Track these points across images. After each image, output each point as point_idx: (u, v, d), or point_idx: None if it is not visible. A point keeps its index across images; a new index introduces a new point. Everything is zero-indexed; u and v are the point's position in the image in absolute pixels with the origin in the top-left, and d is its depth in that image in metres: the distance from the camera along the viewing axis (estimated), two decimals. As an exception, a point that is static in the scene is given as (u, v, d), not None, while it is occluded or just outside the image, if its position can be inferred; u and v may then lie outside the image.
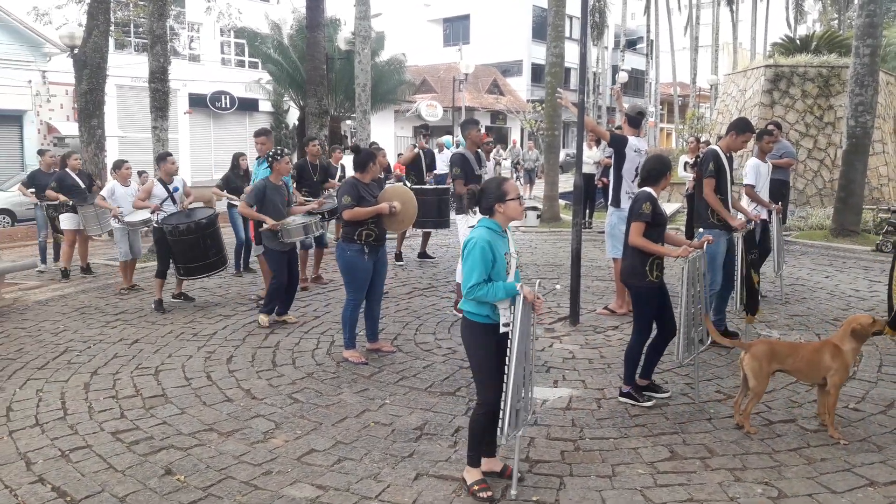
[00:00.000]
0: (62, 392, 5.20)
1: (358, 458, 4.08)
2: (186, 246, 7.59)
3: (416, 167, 10.97)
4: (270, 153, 7.04)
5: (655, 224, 4.75)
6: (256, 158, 8.22)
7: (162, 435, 4.44)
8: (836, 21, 42.28)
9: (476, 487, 3.62)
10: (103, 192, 8.86)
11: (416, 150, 11.22)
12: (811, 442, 4.25)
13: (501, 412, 3.43)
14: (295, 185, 8.56)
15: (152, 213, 7.90)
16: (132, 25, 28.82)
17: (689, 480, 3.81)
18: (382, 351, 6.07)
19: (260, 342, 6.43)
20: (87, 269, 9.86)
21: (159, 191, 8.05)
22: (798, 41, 21.33)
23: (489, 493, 3.59)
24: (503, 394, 3.43)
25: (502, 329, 3.49)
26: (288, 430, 4.49)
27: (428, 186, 10.29)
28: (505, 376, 3.45)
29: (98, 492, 3.73)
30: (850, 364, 4.31)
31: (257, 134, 8.27)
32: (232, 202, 9.30)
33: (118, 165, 8.98)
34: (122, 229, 8.56)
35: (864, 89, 10.75)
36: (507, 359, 3.44)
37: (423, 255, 10.66)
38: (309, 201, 8.11)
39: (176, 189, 8.17)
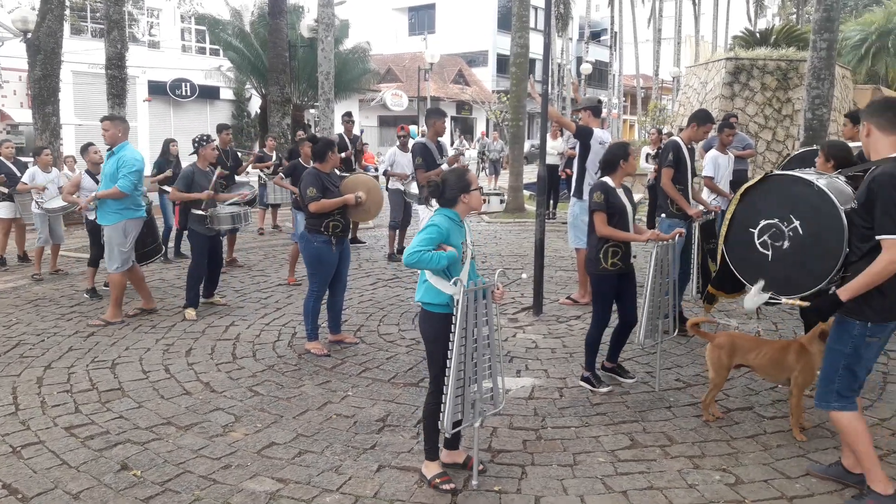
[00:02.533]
0: (14, 387, 5.06)
1: (319, 451, 4.05)
2: None
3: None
4: (196, 139, 7.24)
5: (615, 212, 4.80)
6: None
7: (118, 429, 4.35)
8: (795, 15, 43.09)
9: (438, 480, 3.61)
10: (24, 178, 8.82)
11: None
12: (767, 429, 4.34)
13: (443, 404, 3.42)
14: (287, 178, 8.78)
15: (80, 209, 7.80)
16: (88, 10, 28.13)
17: (648, 468, 3.85)
18: (345, 342, 6.03)
19: (220, 334, 6.34)
20: (24, 258, 9.66)
21: (88, 183, 7.83)
22: (758, 35, 21.68)
23: (451, 485, 3.58)
24: (447, 384, 3.42)
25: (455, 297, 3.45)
26: (248, 424, 4.43)
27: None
28: (447, 367, 3.43)
29: (51, 489, 3.64)
30: (817, 366, 4.13)
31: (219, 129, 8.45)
32: (163, 189, 9.46)
33: (38, 152, 9.13)
34: (41, 215, 8.59)
35: (821, 83, 10.94)
36: (448, 351, 3.42)
37: (402, 250, 10.52)
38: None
39: None
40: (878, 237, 3.07)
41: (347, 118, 11.51)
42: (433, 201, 3.70)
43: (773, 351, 4.31)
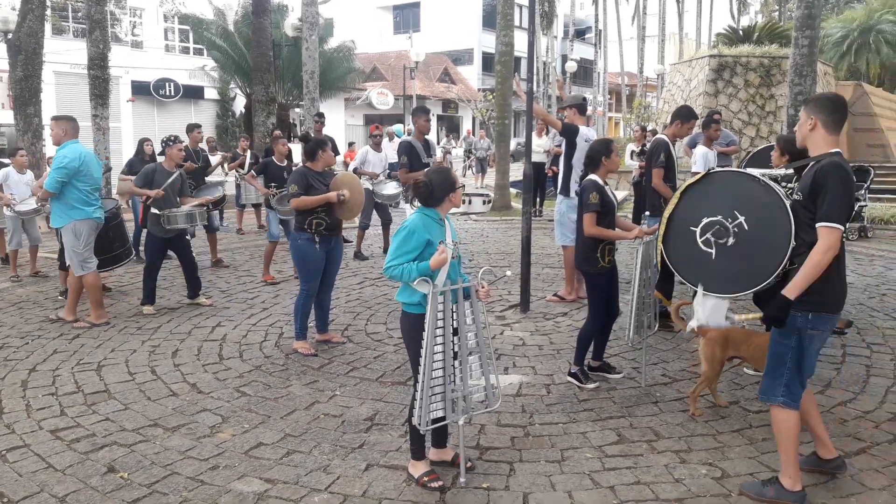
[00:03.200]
0: (-2, 390, 5.02)
1: (307, 451, 4.04)
2: None
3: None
4: (164, 139, 7.35)
5: (606, 211, 4.83)
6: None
7: (104, 432, 4.32)
8: (777, 12, 43.43)
9: (426, 479, 3.61)
10: None
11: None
12: (753, 423, 4.37)
13: (419, 400, 3.43)
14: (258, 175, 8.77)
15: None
16: (70, 10, 27.89)
17: (636, 463, 3.88)
18: (332, 342, 6.02)
19: (206, 335, 6.31)
20: (5, 260, 9.58)
21: None
22: (741, 32, 21.84)
23: (440, 483, 3.59)
24: (419, 382, 3.43)
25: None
26: (235, 424, 4.42)
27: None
28: (420, 365, 3.44)
29: (37, 492, 3.61)
30: None
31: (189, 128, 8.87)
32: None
33: (13, 152, 9.15)
34: (13, 218, 8.58)
35: (803, 79, 11.04)
36: (421, 349, 3.43)
37: (386, 250, 10.51)
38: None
39: None
40: (818, 224, 3.14)
41: (318, 118, 11.45)
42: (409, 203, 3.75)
43: (766, 342, 4.35)
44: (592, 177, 4.94)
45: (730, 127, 16.62)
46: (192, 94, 31.81)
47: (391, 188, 9.64)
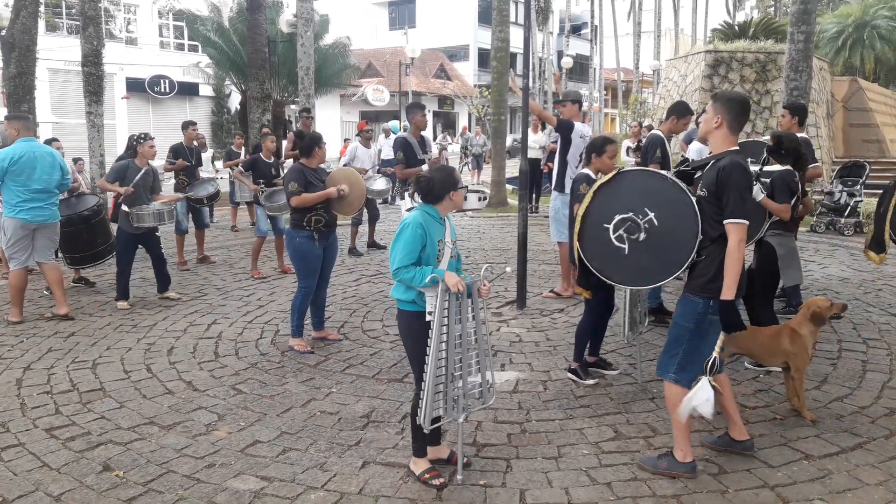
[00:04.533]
0: (-8, 389, 4.99)
1: (303, 449, 4.03)
2: (70, 237, 7.49)
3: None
4: (134, 136, 7.35)
5: None
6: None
7: (100, 430, 4.30)
8: (773, 8, 43.43)
9: (427, 476, 3.61)
10: None
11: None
12: (750, 418, 4.37)
13: (422, 400, 3.43)
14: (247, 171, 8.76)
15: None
16: (64, 6, 27.78)
17: (632, 459, 3.87)
18: (329, 339, 6.00)
19: (202, 332, 6.29)
20: None
21: None
22: (737, 27, 21.83)
23: (441, 480, 3.58)
24: (424, 381, 3.42)
25: (428, 318, 3.46)
26: (231, 422, 4.41)
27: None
28: (426, 364, 3.42)
29: (32, 491, 3.59)
30: (810, 347, 4.30)
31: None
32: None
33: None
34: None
35: (799, 74, 11.05)
36: (427, 347, 3.42)
37: (372, 244, 10.53)
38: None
39: None
40: (726, 221, 3.34)
41: (306, 114, 11.35)
42: (407, 195, 3.73)
43: (767, 337, 4.42)
44: (585, 170, 4.96)
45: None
46: (187, 90, 31.75)
47: (381, 183, 9.65)
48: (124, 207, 7.02)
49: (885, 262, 5.79)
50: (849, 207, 11.24)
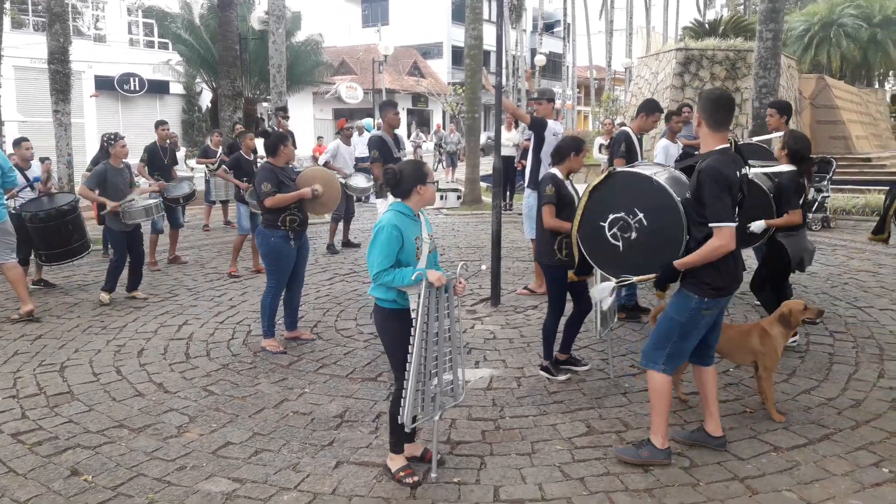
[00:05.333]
0: (-44, 393, 4.89)
1: (276, 449, 4.00)
2: (47, 233, 7.44)
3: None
4: (105, 137, 7.28)
5: (565, 204, 4.86)
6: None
7: (67, 434, 4.23)
8: (743, 6, 43.94)
9: (402, 473, 3.60)
10: None
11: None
12: (720, 411, 4.42)
13: (403, 399, 3.42)
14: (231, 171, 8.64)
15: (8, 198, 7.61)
16: (30, 2, 27.28)
17: (605, 454, 3.90)
18: (302, 339, 5.96)
19: (173, 334, 6.22)
20: None
21: (18, 179, 7.66)
22: (707, 25, 22.09)
23: (415, 478, 3.58)
24: (404, 381, 3.41)
25: (412, 315, 3.45)
26: (203, 424, 4.36)
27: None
28: (407, 362, 3.41)
29: (-3, 497, 3.53)
30: (780, 348, 4.31)
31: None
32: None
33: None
34: None
35: (768, 72, 11.21)
36: (409, 345, 3.41)
37: (346, 243, 10.48)
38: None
39: (37, 179, 7.90)
40: (710, 224, 3.41)
41: (282, 113, 11.19)
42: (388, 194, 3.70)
43: (737, 335, 4.43)
44: (552, 170, 4.99)
45: (696, 120, 16.74)
46: (158, 88, 31.34)
47: (363, 181, 9.62)
48: (108, 210, 7.00)
49: (851, 256, 5.90)
50: (816, 203, 11.43)
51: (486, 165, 17.86)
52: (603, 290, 4.08)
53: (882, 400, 4.58)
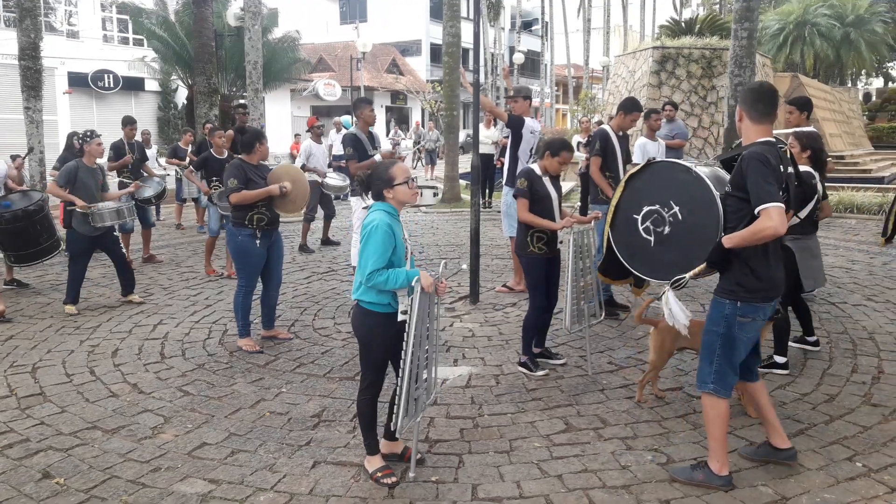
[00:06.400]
0: (-76, 396, 4.78)
1: (252, 450, 3.96)
2: (14, 233, 7.28)
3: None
4: (80, 135, 7.02)
5: (538, 199, 4.88)
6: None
7: (39, 436, 4.16)
8: (718, 5, 44.35)
9: (379, 474, 3.58)
10: None
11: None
12: (696, 408, 4.45)
13: (396, 406, 3.39)
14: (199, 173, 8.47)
15: None
16: (0, -2, 26.80)
17: (583, 451, 3.91)
18: (278, 338, 5.91)
19: (147, 333, 6.13)
20: None
21: None
22: (683, 24, 22.24)
23: (393, 479, 3.56)
24: (398, 386, 3.39)
25: (400, 317, 3.42)
26: (178, 425, 4.31)
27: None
28: (401, 367, 3.39)
29: (-35, 502, 3.45)
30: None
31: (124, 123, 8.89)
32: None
33: None
34: None
35: (743, 70, 11.31)
36: (402, 350, 3.37)
37: (326, 241, 10.42)
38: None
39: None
40: (756, 210, 3.17)
41: (241, 109, 11.04)
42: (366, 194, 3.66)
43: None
44: (531, 166, 5.03)
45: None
46: (132, 85, 30.92)
47: (339, 179, 9.56)
48: (77, 209, 6.69)
49: (825, 252, 5.95)
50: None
51: (466, 163, 17.87)
52: (670, 301, 3.67)
53: (855, 395, 4.64)
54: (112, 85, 30.27)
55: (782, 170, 3.30)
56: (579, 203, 11.51)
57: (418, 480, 3.60)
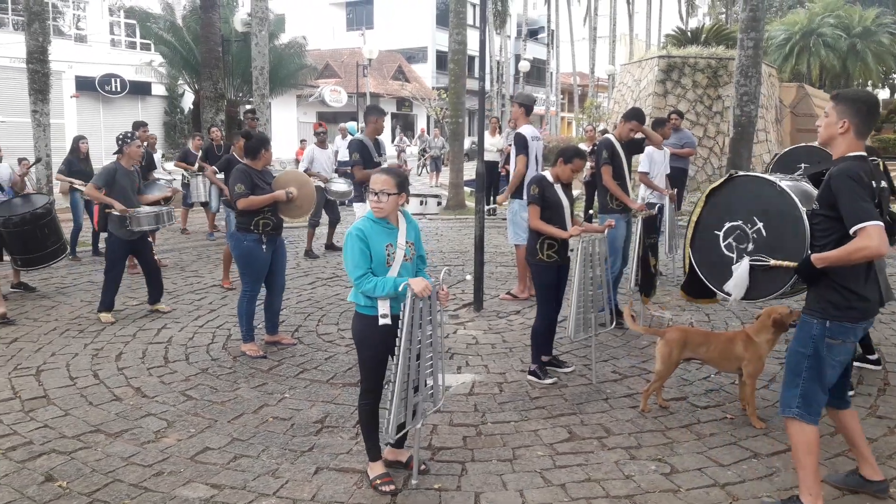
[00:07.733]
0: (-72, 398, 4.79)
1: (255, 455, 3.96)
2: (22, 237, 7.26)
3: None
4: (120, 136, 6.83)
5: (549, 206, 4.88)
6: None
7: (42, 439, 4.16)
8: (724, 15, 44.45)
9: (379, 481, 3.57)
10: None
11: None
12: (701, 418, 4.44)
13: (388, 411, 3.39)
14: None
15: None
16: (9, 1, 26.98)
17: (587, 461, 3.90)
18: (282, 343, 5.91)
19: (151, 337, 6.14)
20: None
21: None
22: (689, 33, 22.22)
23: (392, 487, 3.55)
24: (389, 392, 3.38)
25: (381, 321, 3.41)
26: (181, 429, 4.30)
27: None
28: (392, 373, 3.38)
29: (-32, 504, 3.45)
30: (764, 355, 4.28)
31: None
32: (75, 186, 9.10)
33: None
34: None
35: (749, 80, 11.31)
36: (394, 357, 3.37)
37: (330, 246, 10.44)
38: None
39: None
40: (850, 230, 2.93)
41: (251, 115, 11.10)
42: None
43: (722, 343, 4.42)
44: (543, 172, 5.04)
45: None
46: (139, 90, 31.06)
47: (342, 185, 9.59)
48: (115, 212, 6.53)
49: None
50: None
51: (470, 170, 17.87)
52: (741, 269, 3.58)
53: (861, 406, 4.62)
54: (119, 89, 30.41)
55: (874, 185, 3.06)
56: (591, 210, 11.52)
57: (421, 488, 3.59)
